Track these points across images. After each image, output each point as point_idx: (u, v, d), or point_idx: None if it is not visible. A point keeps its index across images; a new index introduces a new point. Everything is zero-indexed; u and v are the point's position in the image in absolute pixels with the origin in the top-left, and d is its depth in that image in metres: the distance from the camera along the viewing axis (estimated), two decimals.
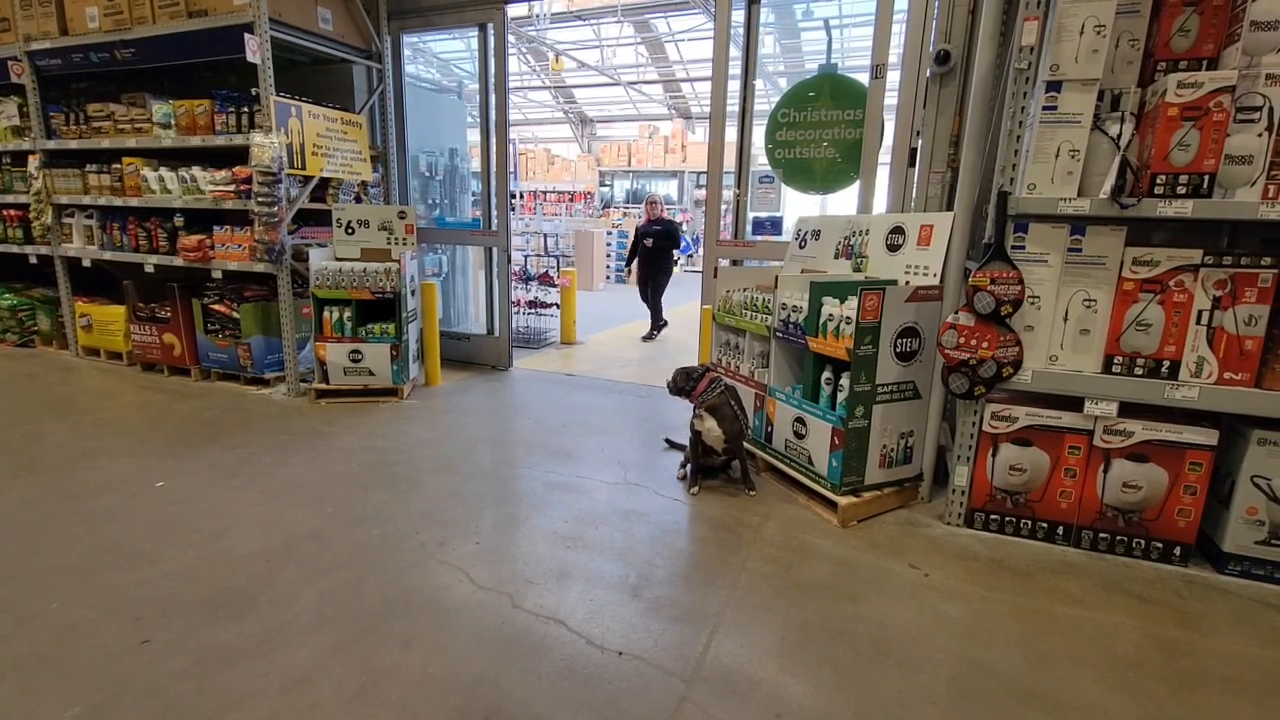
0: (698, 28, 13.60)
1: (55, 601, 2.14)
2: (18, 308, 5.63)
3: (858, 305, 2.70)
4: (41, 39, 4.76)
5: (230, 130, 4.32)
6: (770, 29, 13.18)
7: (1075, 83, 2.38)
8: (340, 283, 4.29)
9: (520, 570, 2.41)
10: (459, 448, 3.63)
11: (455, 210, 6.22)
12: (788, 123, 4.09)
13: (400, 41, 5.21)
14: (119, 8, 4.38)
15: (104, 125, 4.82)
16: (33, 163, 5.07)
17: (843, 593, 2.32)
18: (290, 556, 2.45)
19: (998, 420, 2.69)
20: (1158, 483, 2.51)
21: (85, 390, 4.55)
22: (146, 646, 1.94)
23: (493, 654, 1.95)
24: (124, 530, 2.62)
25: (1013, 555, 2.61)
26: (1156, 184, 2.33)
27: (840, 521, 2.81)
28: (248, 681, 1.81)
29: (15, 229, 5.48)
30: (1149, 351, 2.49)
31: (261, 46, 3.97)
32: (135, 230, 4.85)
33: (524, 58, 15.80)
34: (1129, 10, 2.42)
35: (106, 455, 3.37)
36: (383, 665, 1.88)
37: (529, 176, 18.41)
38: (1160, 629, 2.14)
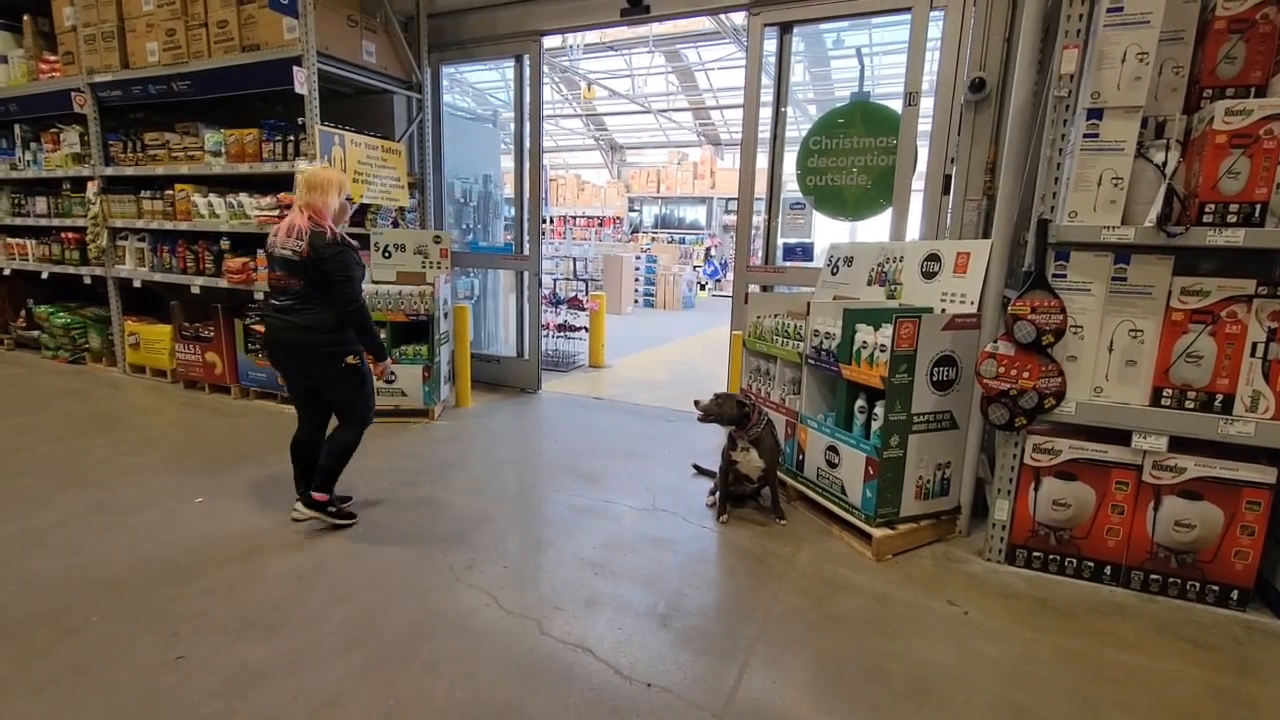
0: (728, 57, 13.78)
1: (95, 615, 2.19)
2: (71, 326, 5.86)
3: (893, 333, 2.66)
4: (104, 72, 5.03)
5: (276, 158, 4.49)
6: (800, 57, 13.30)
7: (1118, 110, 2.34)
8: (376, 305, 4.38)
9: (548, 595, 2.39)
10: (488, 470, 3.64)
11: (488, 235, 6.33)
12: (819, 150, 4.09)
13: (440, 73, 5.38)
14: (178, 43, 4.61)
15: (159, 153, 5.05)
16: (91, 188, 5.32)
17: (878, 628, 2.25)
18: (321, 576, 2.47)
19: (1040, 453, 2.60)
20: (1212, 522, 2.40)
21: (130, 407, 4.70)
22: (181, 663, 1.96)
23: (519, 681, 1.92)
24: (162, 546, 2.67)
25: (1057, 594, 2.50)
26: (1205, 212, 2.27)
27: (874, 554, 2.73)
28: (277, 701, 1.81)
29: (73, 250, 5.73)
30: (1200, 384, 2.40)
31: (309, 78, 4.14)
32: (184, 253, 5.04)
33: (556, 86, 16.17)
34: (1173, 37, 2.38)
35: (148, 471, 3.46)
36: (410, 689, 1.88)
37: (559, 201, 18.72)
38: (1218, 677, 2.02)
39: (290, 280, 2.71)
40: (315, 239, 2.65)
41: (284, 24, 4.19)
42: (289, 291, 2.72)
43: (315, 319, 2.71)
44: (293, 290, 2.72)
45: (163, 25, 4.66)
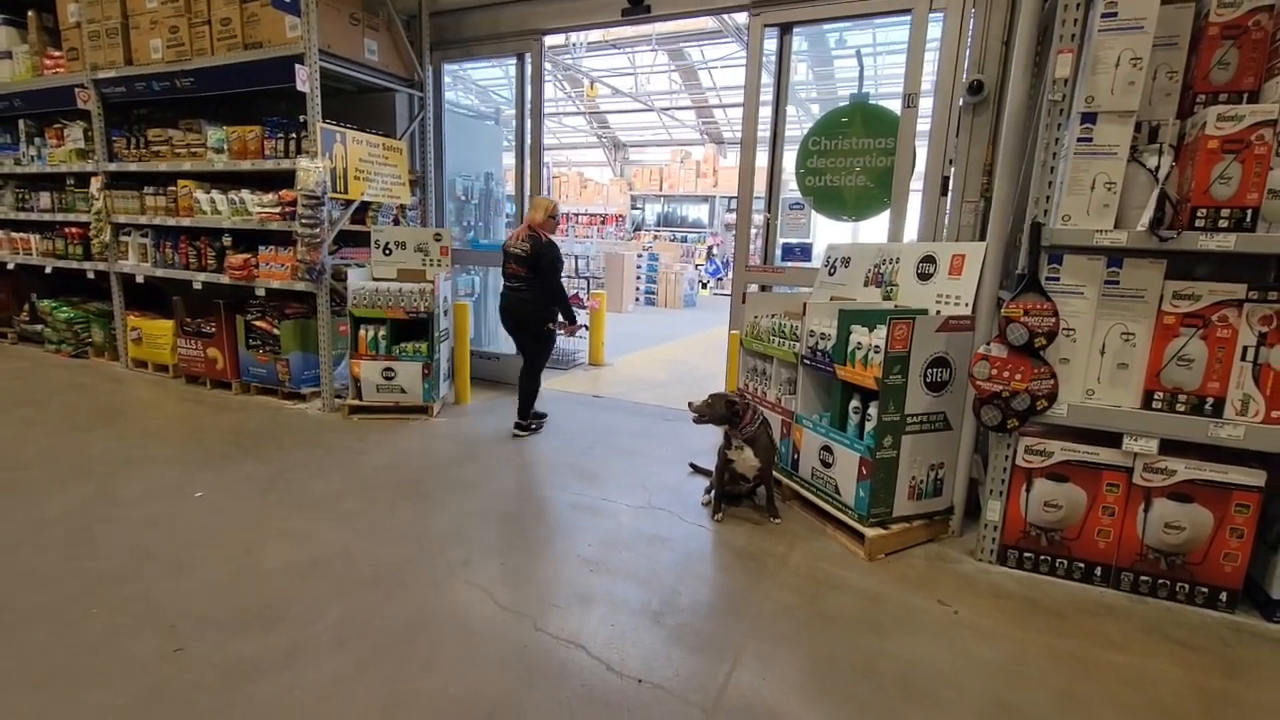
0: (730, 55, 13.78)
1: (95, 608, 2.22)
2: (74, 320, 5.90)
3: (886, 334, 2.68)
4: (108, 68, 5.06)
5: (278, 155, 4.51)
6: (803, 56, 13.29)
7: (1111, 114, 2.36)
8: (377, 302, 4.41)
9: (543, 593, 2.42)
10: (485, 467, 3.67)
11: (489, 233, 6.36)
12: (819, 150, 4.11)
13: (441, 70, 5.40)
14: (181, 40, 4.64)
15: (162, 149, 5.08)
16: (95, 184, 5.35)
17: (869, 627, 2.27)
18: (319, 572, 2.50)
19: (1032, 454, 2.62)
20: (1202, 524, 2.41)
21: (133, 401, 4.73)
22: (179, 655, 1.99)
23: (514, 677, 1.95)
24: (163, 539, 2.70)
25: (1048, 595, 2.52)
26: (1197, 217, 2.28)
27: (867, 554, 2.76)
28: (274, 695, 1.84)
29: (76, 246, 5.77)
30: (1191, 388, 2.41)
31: (311, 76, 4.16)
32: (186, 249, 5.07)
33: (560, 84, 16.18)
34: (1167, 43, 2.40)
35: (150, 464, 3.49)
36: (405, 686, 1.90)
37: (562, 199, 18.73)
38: (1205, 678, 2.04)
39: (518, 269, 4.05)
40: (534, 241, 4.01)
41: (286, 22, 4.21)
42: (517, 277, 4.08)
43: (533, 295, 4.07)
44: (519, 276, 4.06)
45: (166, 22, 4.69)
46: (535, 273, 4.02)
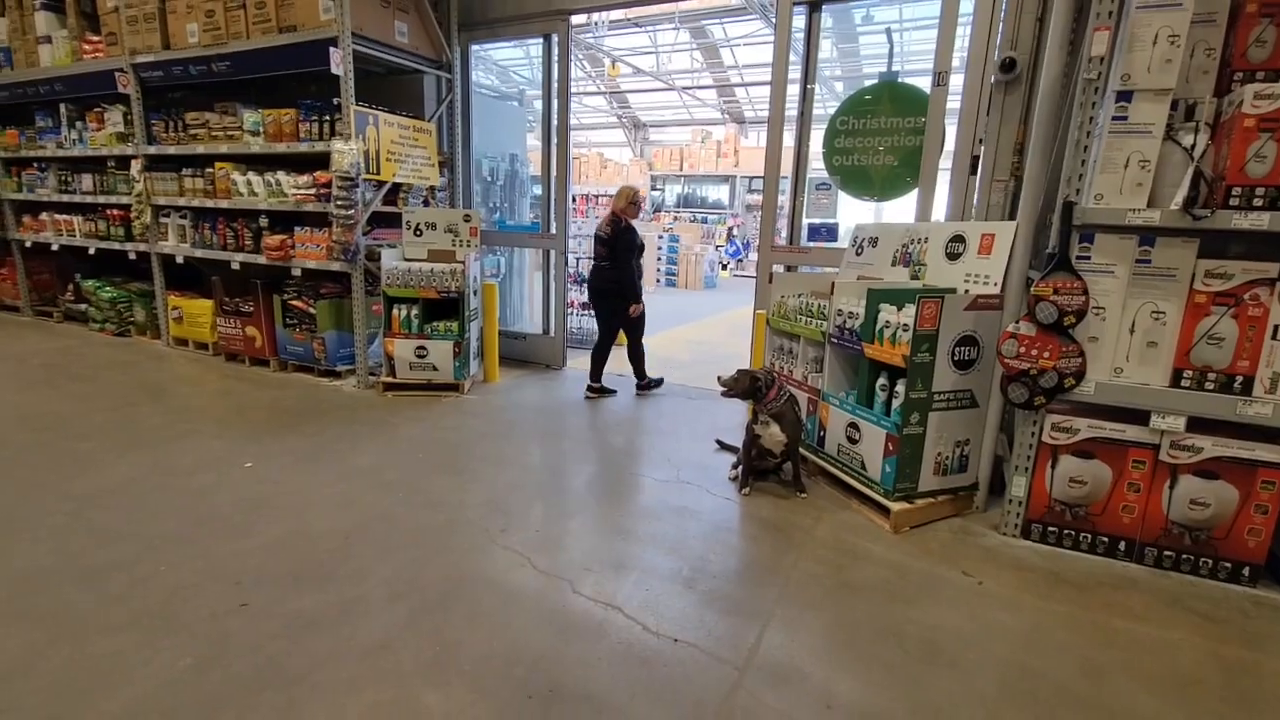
0: (754, 33, 13.60)
1: (163, 565, 2.37)
2: (117, 300, 6.11)
3: (915, 313, 2.72)
4: (146, 53, 5.18)
5: (313, 138, 4.61)
6: (829, 34, 13.07)
7: (1147, 92, 2.36)
8: (409, 282, 4.53)
9: (577, 558, 2.53)
10: (516, 442, 3.79)
11: (515, 214, 6.43)
12: (846, 130, 4.11)
13: (469, 52, 5.45)
14: (217, 24, 4.74)
15: (199, 132, 5.20)
16: (135, 166, 5.50)
17: (894, 595, 2.35)
18: (364, 535, 2.64)
19: (1058, 431, 2.66)
20: (1227, 501, 2.44)
21: (176, 377, 4.92)
22: (244, 609, 2.13)
23: (553, 634, 2.06)
24: (218, 505, 2.86)
25: (1071, 568, 2.58)
26: (1232, 196, 2.28)
27: (892, 527, 2.82)
28: (332, 645, 1.98)
29: (117, 227, 5.95)
30: (1221, 366, 2.43)
31: (344, 59, 4.24)
32: (224, 230, 5.22)
33: (580, 64, 16.10)
34: (1205, 19, 2.38)
35: (198, 437, 3.65)
36: (453, 638, 2.03)
37: (582, 180, 18.70)
38: (1224, 648, 2.09)
39: (600, 250, 4.60)
40: (614, 225, 4.52)
41: (320, 5, 4.28)
42: (601, 257, 4.61)
43: (614, 274, 4.55)
44: (602, 256, 4.59)
45: (202, 7, 4.78)
46: (613, 254, 4.50)
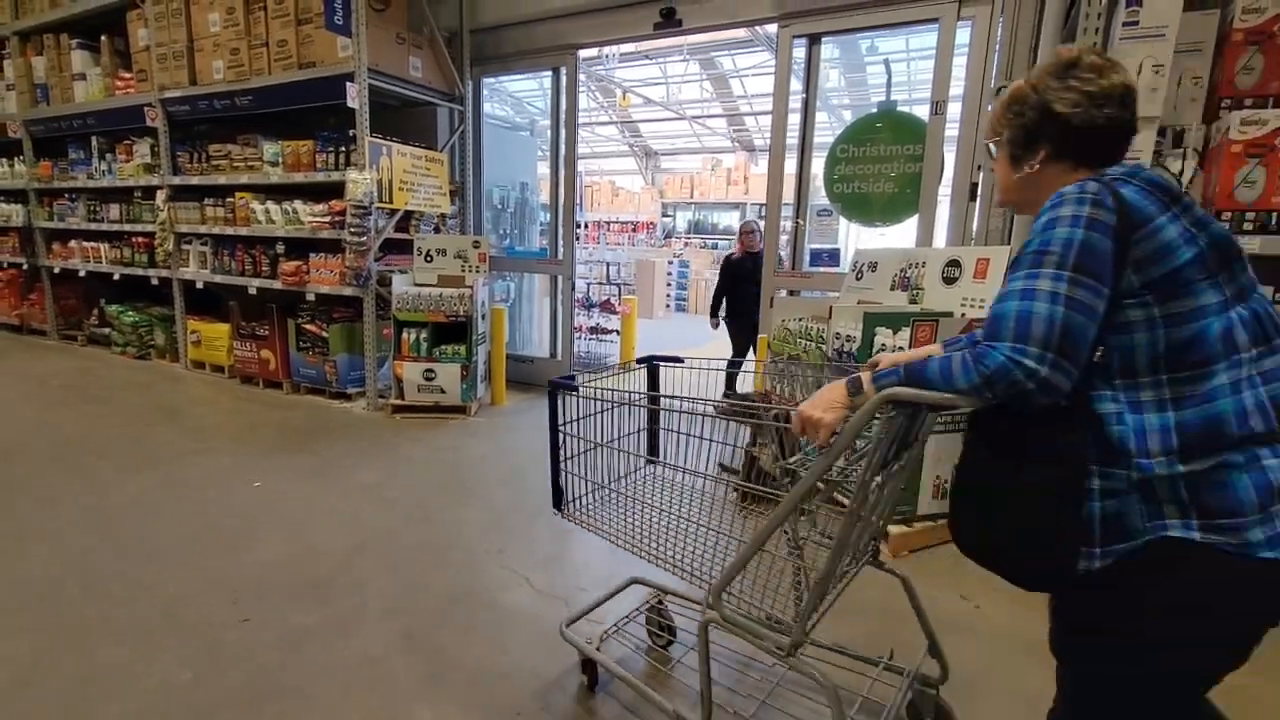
0: (762, 64, 13.87)
1: (169, 578, 2.43)
2: (139, 324, 6.29)
3: (910, 335, 2.75)
4: (174, 88, 5.42)
5: (329, 168, 4.78)
6: (834, 63, 13.30)
7: None
8: (419, 306, 4.63)
9: (573, 579, 2.55)
10: (520, 463, 3.83)
11: (524, 240, 6.57)
12: (847, 157, 4.18)
13: (480, 85, 5.64)
14: (241, 61, 4.96)
15: (221, 163, 5.41)
16: (160, 196, 5.72)
17: (891, 619, 2.34)
18: (365, 551, 2.68)
19: None
20: None
21: (191, 399, 5.04)
22: (243, 623, 2.17)
23: (546, 653, 2.08)
24: (224, 520, 2.92)
25: None
26: (1221, 220, 2.31)
27: (891, 551, 2.81)
28: (328, 658, 2.01)
29: (141, 254, 6.16)
30: None
31: (360, 93, 4.41)
32: (243, 256, 5.39)
33: (592, 95, 16.47)
34: (1191, 49, 2.43)
35: (210, 455, 3.74)
36: (447, 654, 2.05)
37: (593, 207, 19.00)
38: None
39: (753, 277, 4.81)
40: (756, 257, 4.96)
41: (338, 43, 4.47)
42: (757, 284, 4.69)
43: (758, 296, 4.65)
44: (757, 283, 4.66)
45: (228, 45, 5.01)
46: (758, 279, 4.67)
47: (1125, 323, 1.04)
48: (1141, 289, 1.02)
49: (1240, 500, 0.97)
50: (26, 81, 6.66)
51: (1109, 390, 1.05)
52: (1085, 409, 1.05)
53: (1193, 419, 1.00)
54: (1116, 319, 1.04)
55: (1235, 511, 0.97)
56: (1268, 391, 1.00)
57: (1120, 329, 1.04)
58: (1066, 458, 1.04)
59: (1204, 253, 1.03)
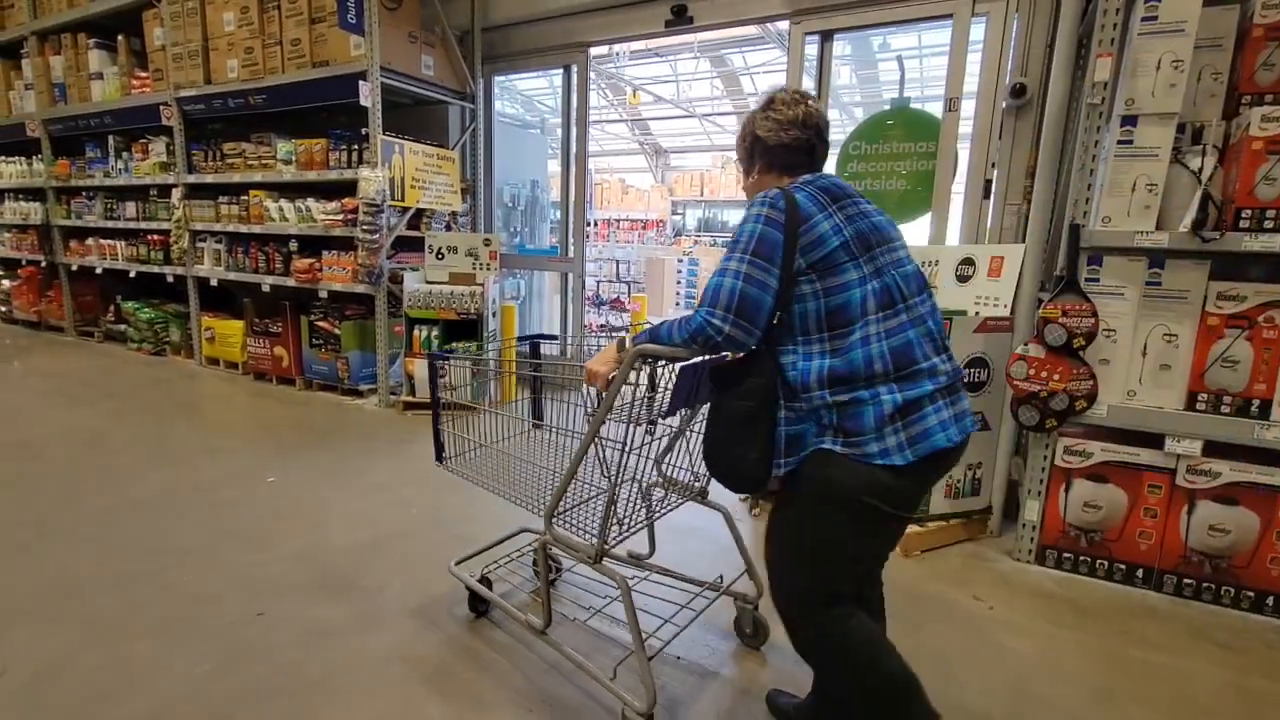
0: (773, 61, 13.80)
1: (187, 575, 2.46)
2: (154, 321, 6.36)
3: None
4: (189, 87, 5.46)
5: (342, 166, 4.81)
6: (846, 60, 13.22)
7: (1152, 117, 2.38)
8: (430, 304, 4.65)
9: (581, 580, 2.56)
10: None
11: (534, 238, 6.58)
12: (859, 155, 4.16)
13: (492, 83, 5.65)
14: (255, 60, 4.99)
15: (235, 161, 5.45)
16: (176, 194, 5.77)
17: (903, 619, 2.32)
18: (380, 549, 2.70)
19: (1071, 455, 2.64)
20: (1247, 528, 2.39)
21: (207, 395, 5.09)
22: (262, 618, 2.20)
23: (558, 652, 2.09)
24: (242, 517, 2.95)
25: (1086, 594, 2.53)
26: (1241, 218, 2.28)
27: (902, 550, 2.81)
28: (346, 655, 2.03)
29: (157, 252, 6.22)
30: (1236, 389, 2.40)
31: (373, 91, 4.43)
32: (256, 254, 5.43)
33: (602, 92, 16.46)
34: (1211, 44, 2.40)
35: (226, 453, 3.78)
36: (463, 650, 2.06)
37: (603, 205, 18.98)
38: (1244, 679, 2.04)
39: None
40: None
41: (351, 41, 4.50)
42: None
43: None
44: None
45: (242, 44, 5.05)
46: None
47: (799, 295, 1.41)
48: (807, 269, 1.39)
49: (864, 424, 1.36)
50: (45, 81, 6.74)
51: (791, 345, 1.44)
52: (774, 359, 1.45)
53: (839, 364, 1.37)
54: (794, 293, 1.41)
55: (861, 432, 1.36)
56: (889, 344, 1.37)
57: (797, 300, 1.41)
58: (760, 395, 1.44)
59: (848, 241, 1.39)
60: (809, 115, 1.54)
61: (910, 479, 1.38)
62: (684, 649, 2.13)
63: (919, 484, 1.42)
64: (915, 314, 1.41)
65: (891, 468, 1.35)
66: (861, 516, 1.40)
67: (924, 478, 1.42)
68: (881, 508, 1.38)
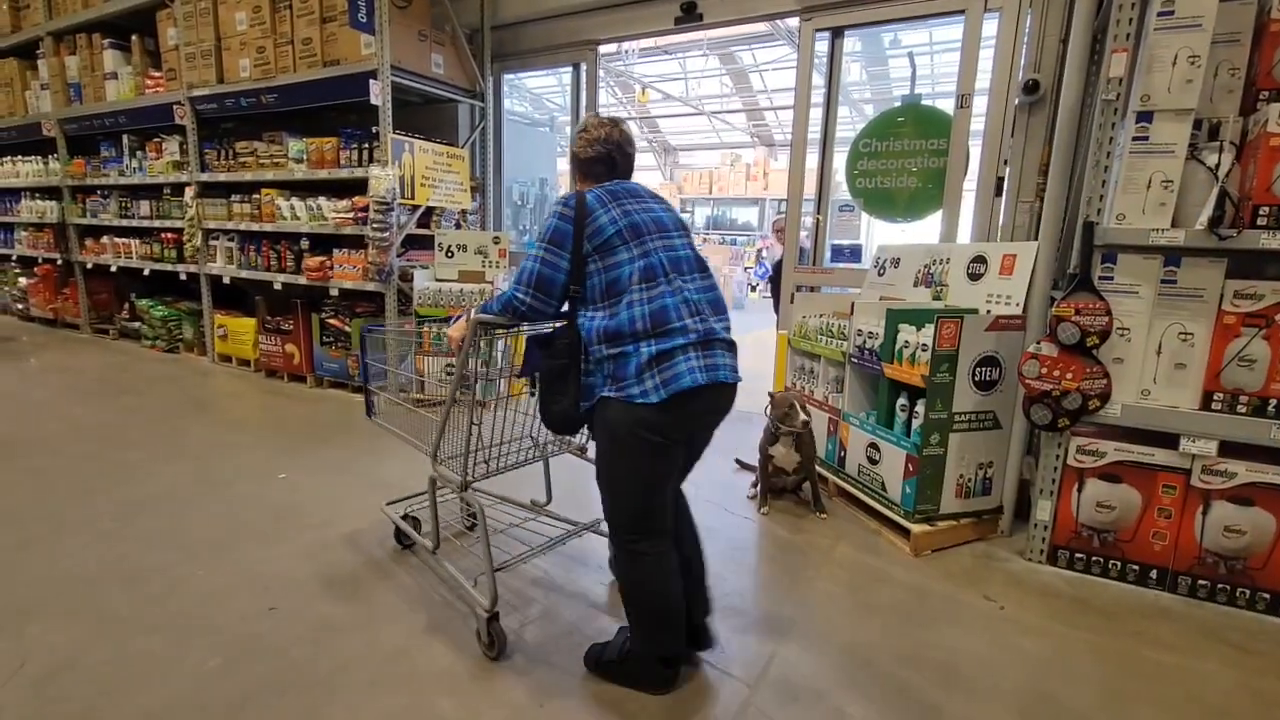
0: (783, 58, 13.75)
1: (200, 570, 2.48)
2: (168, 318, 6.42)
3: (934, 333, 2.72)
4: (202, 86, 5.51)
5: (352, 164, 4.83)
6: (856, 57, 13.15)
7: (1168, 113, 2.35)
8: (439, 301, 4.67)
9: (594, 574, 2.56)
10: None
11: None
12: (869, 152, 4.14)
13: (501, 81, 5.66)
14: (267, 59, 5.02)
15: (248, 160, 5.49)
16: (189, 193, 5.82)
17: (912, 619, 2.32)
18: (391, 545, 2.71)
19: (1084, 454, 2.61)
20: (1263, 528, 2.36)
21: (219, 392, 5.14)
22: (272, 613, 2.22)
23: (570, 645, 2.09)
24: (253, 514, 2.98)
25: (1099, 595, 2.51)
26: (1259, 215, 2.25)
27: (913, 549, 2.79)
28: (355, 649, 2.04)
29: (170, 250, 6.28)
30: (1253, 389, 2.37)
31: (383, 90, 4.45)
32: (268, 252, 5.47)
33: (611, 90, 16.45)
34: (1228, 40, 2.36)
35: (238, 449, 3.81)
36: (469, 647, 2.07)
37: None
38: (1258, 681, 2.01)
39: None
40: None
41: (362, 40, 4.52)
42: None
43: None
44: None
45: (254, 43, 5.08)
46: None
47: (589, 272, 1.78)
48: (593, 252, 1.76)
49: (628, 372, 1.70)
50: (60, 81, 6.81)
51: (586, 311, 1.79)
52: (574, 323, 1.81)
53: (612, 324, 1.72)
54: (586, 270, 1.78)
55: (626, 378, 1.71)
56: (649, 309, 1.71)
57: (588, 276, 1.78)
58: (567, 353, 1.79)
59: (622, 230, 1.77)
60: (609, 136, 1.93)
61: (670, 413, 1.69)
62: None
63: (681, 417, 1.72)
64: (675, 286, 1.76)
65: (649, 405, 1.68)
66: (638, 448, 1.73)
67: (685, 411, 1.72)
68: (651, 438, 1.71)
